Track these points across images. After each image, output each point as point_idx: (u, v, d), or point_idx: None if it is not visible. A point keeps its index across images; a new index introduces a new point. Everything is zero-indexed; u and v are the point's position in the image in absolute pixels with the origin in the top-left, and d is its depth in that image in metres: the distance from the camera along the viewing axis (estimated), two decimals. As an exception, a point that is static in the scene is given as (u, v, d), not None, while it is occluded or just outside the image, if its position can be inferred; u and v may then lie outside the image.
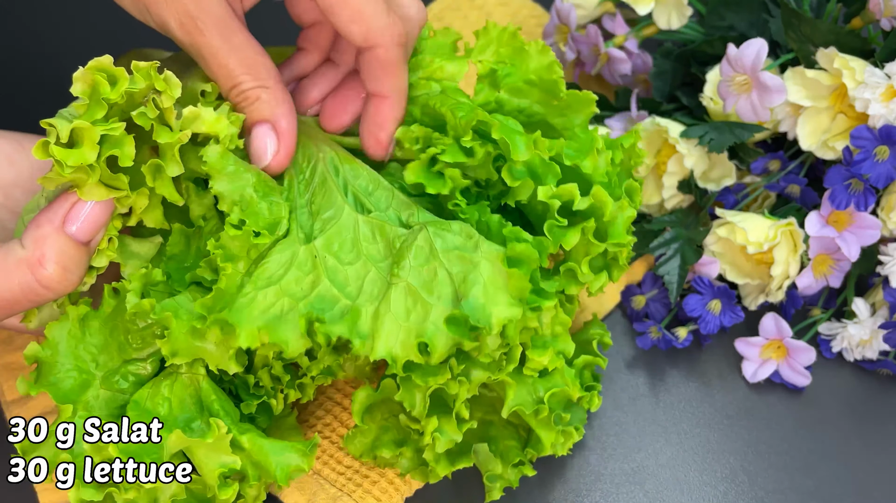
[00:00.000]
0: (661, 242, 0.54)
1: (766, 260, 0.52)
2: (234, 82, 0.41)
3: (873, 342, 0.51)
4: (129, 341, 0.42)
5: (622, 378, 0.53)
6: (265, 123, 0.42)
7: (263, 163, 0.42)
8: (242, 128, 0.42)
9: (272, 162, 0.42)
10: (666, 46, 0.58)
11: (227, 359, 0.39)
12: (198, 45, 0.40)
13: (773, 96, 0.49)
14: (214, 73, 0.41)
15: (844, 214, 0.50)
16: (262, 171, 0.42)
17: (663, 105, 0.58)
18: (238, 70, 0.40)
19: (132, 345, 0.42)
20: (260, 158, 0.42)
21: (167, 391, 0.41)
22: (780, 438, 0.50)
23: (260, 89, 0.41)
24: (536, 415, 0.43)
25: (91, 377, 0.42)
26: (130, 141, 0.38)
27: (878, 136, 0.47)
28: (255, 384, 0.44)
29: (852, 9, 0.54)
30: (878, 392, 0.52)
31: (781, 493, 0.48)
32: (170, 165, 0.39)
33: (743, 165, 0.55)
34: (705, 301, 0.52)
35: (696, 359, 0.53)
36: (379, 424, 0.45)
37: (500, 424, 0.46)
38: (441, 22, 0.66)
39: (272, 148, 0.42)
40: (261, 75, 0.41)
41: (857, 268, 0.53)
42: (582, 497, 0.48)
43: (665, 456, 0.50)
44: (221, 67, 0.40)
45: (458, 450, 0.45)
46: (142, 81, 0.38)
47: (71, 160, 0.36)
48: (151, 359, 0.42)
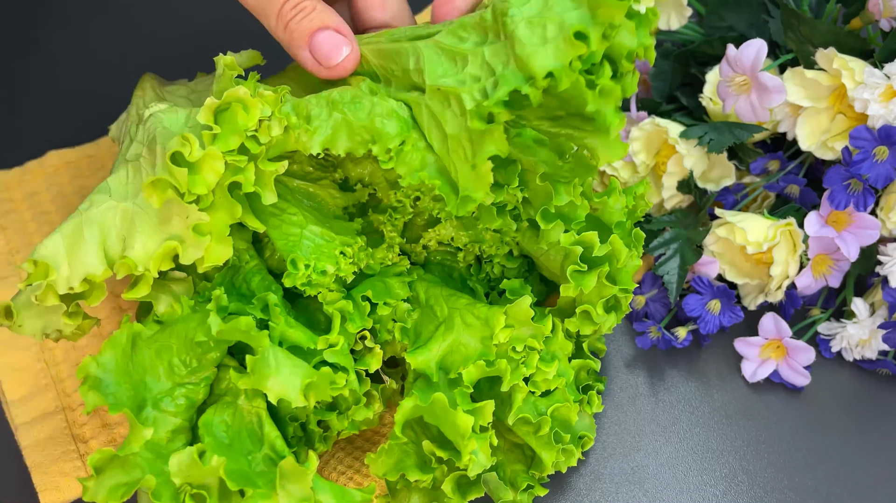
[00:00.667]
0: (661, 242, 0.54)
1: (765, 260, 0.52)
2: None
3: (872, 342, 0.51)
4: (186, 362, 0.41)
5: (622, 378, 0.53)
6: (327, 28, 0.42)
7: (335, 61, 0.42)
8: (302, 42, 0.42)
9: (345, 60, 0.42)
10: (665, 47, 0.58)
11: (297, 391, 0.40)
12: None
13: (773, 97, 0.50)
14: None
15: (844, 214, 0.50)
16: (330, 75, 0.43)
17: (663, 105, 0.58)
18: None
19: (189, 367, 0.42)
20: (330, 58, 0.42)
21: (229, 418, 0.42)
22: (780, 438, 0.50)
23: (314, 1, 0.42)
24: (537, 431, 0.44)
25: (144, 397, 0.41)
26: (251, 168, 0.39)
27: (878, 136, 0.47)
28: (291, 436, 0.44)
29: (851, 9, 0.54)
30: (878, 392, 0.52)
31: (781, 493, 0.48)
32: (267, 194, 0.40)
33: (742, 166, 0.55)
34: (705, 301, 0.52)
35: (695, 359, 0.53)
36: (401, 447, 0.44)
37: (506, 449, 0.47)
38: (441, 22, 0.66)
39: (345, 47, 0.42)
40: None
41: (857, 268, 0.53)
42: (582, 496, 0.48)
43: (664, 455, 0.50)
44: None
45: (469, 482, 0.44)
46: (269, 110, 0.39)
47: (196, 188, 0.37)
48: (204, 384, 0.42)
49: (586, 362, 0.48)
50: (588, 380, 0.49)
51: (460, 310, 0.45)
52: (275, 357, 0.40)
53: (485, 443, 0.42)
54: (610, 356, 0.53)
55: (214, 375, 0.43)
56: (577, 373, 0.48)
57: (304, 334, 0.42)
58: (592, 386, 0.48)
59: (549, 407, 0.45)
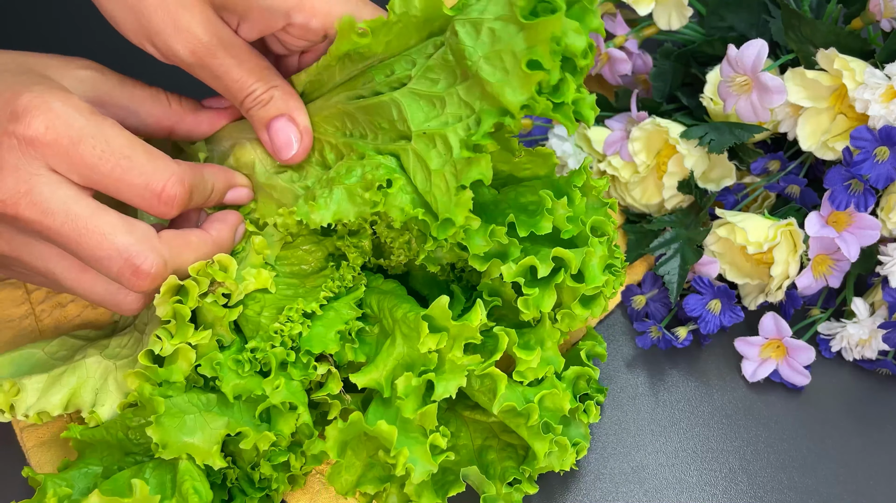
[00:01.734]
0: (662, 242, 0.54)
1: (765, 260, 0.52)
2: (247, 91, 0.45)
3: (872, 342, 0.51)
4: (128, 437, 0.45)
5: (622, 377, 0.53)
6: (282, 117, 0.45)
7: (289, 153, 0.45)
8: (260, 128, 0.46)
9: (298, 150, 0.45)
10: (666, 47, 0.58)
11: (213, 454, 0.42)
12: (211, 66, 0.43)
13: (774, 97, 0.50)
14: (228, 87, 0.44)
15: (844, 215, 0.50)
16: (283, 163, 0.46)
17: (663, 105, 0.58)
18: (249, 80, 0.44)
19: (132, 441, 0.45)
20: (282, 150, 0.45)
21: (148, 472, 0.43)
22: (779, 437, 0.50)
23: (272, 89, 0.45)
24: (527, 420, 0.43)
25: (94, 471, 0.44)
26: (215, 346, 0.44)
27: (878, 136, 0.47)
28: (259, 478, 0.45)
29: (852, 10, 0.54)
30: (877, 391, 0.52)
31: (780, 492, 0.48)
32: (225, 337, 0.45)
33: (743, 166, 0.55)
34: (705, 301, 0.52)
35: (695, 359, 0.54)
36: (364, 461, 0.45)
37: (499, 447, 0.46)
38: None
39: (296, 137, 0.45)
40: (269, 79, 0.45)
41: (857, 268, 0.53)
42: (582, 496, 0.48)
43: (664, 455, 0.50)
44: (235, 82, 0.44)
45: (448, 479, 0.45)
46: (205, 282, 0.43)
47: (172, 377, 0.43)
48: (150, 453, 0.45)
49: (584, 370, 0.47)
50: (587, 389, 0.47)
51: (399, 321, 0.45)
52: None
53: (423, 448, 0.42)
54: (610, 356, 0.54)
55: None
56: (575, 381, 0.47)
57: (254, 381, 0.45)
58: (592, 396, 0.47)
59: (536, 395, 0.44)
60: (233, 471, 0.45)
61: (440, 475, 0.45)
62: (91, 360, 0.46)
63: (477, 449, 0.47)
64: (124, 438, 0.44)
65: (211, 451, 0.42)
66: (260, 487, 0.45)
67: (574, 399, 0.46)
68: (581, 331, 0.52)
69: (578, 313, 0.45)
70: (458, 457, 0.46)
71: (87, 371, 0.46)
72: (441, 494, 0.44)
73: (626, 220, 0.58)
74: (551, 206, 0.43)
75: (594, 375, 0.48)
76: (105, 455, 0.45)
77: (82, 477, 0.44)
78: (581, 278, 0.44)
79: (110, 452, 0.45)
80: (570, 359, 0.48)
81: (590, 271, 0.44)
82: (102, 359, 0.46)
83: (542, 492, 0.48)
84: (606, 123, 0.58)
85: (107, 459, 0.45)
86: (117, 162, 0.40)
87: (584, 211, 0.45)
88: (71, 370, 0.46)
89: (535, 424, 0.43)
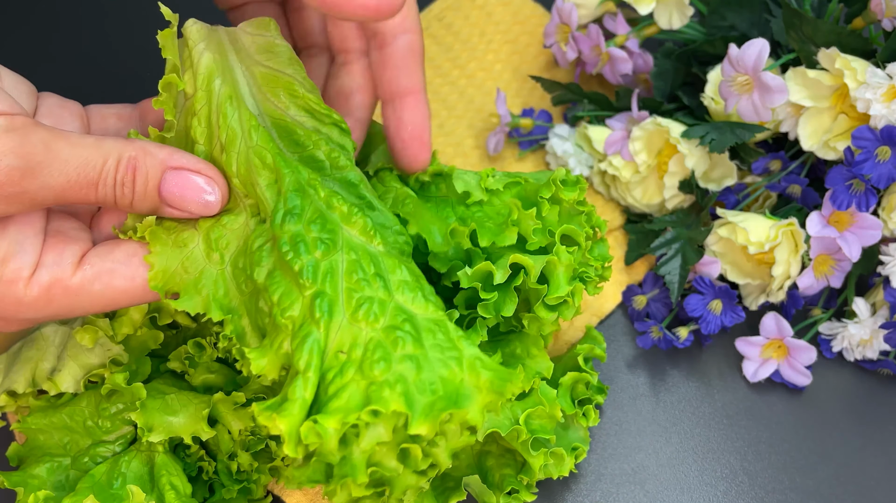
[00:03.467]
0: (662, 242, 0.54)
1: (767, 260, 0.52)
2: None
3: (874, 342, 0.51)
4: (98, 425, 0.44)
5: (622, 378, 0.53)
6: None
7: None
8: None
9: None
10: (667, 46, 0.58)
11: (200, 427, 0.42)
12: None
13: (775, 96, 0.49)
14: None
15: (846, 215, 0.50)
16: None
17: (664, 105, 0.58)
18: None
19: (101, 429, 0.44)
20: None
21: (125, 466, 0.43)
22: (781, 438, 0.50)
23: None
24: (517, 438, 0.43)
25: (61, 462, 0.44)
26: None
27: (880, 136, 0.47)
28: (237, 470, 0.44)
29: (854, 9, 0.54)
30: (879, 392, 0.52)
31: (782, 493, 0.48)
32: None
33: (744, 165, 0.55)
34: (706, 301, 0.52)
35: (696, 359, 0.53)
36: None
37: (497, 453, 0.46)
38: (442, 21, 0.66)
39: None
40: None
41: (858, 269, 0.53)
42: (582, 497, 0.48)
43: (665, 455, 0.50)
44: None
45: (448, 485, 0.44)
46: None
47: (122, 329, 0.44)
48: (120, 442, 0.44)
49: (582, 375, 0.47)
50: (587, 393, 0.47)
51: None
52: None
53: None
54: (611, 356, 0.53)
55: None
56: (573, 387, 0.47)
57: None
58: (591, 399, 0.47)
59: (523, 412, 0.43)
60: (209, 463, 0.44)
61: (439, 481, 0.44)
62: (48, 330, 0.45)
63: (476, 454, 0.46)
64: (94, 426, 0.44)
65: (197, 427, 0.42)
66: (238, 479, 0.44)
67: (572, 404, 0.46)
68: (581, 332, 0.52)
69: (545, 317, 0.43)
70: (458, 461, 0.46)
71: (45, 341, 0.45)
72: (441, 501, 0.44)
73: (626, 220, 0.58)
74: (517, 218, 0.43)
75: (592, 380, 0.47)
76: (68, 442, 0.44)
77: (51, 471, 0.43)
78: (546, 285, 0.43)
79: (73, 439, 0.44)
80: (568, 364, 0.48)
81: (555, 279, 0.43)
82: (58, 325, 0.45)
83: (543, 493, 0.48)
84: (607, 123, 0.58)
85: (71, 447, 0.44)
86: None
87: (556, 221, 0.44)
88: (28, 343, 0.45)
89: (526, 440, 0.43)
